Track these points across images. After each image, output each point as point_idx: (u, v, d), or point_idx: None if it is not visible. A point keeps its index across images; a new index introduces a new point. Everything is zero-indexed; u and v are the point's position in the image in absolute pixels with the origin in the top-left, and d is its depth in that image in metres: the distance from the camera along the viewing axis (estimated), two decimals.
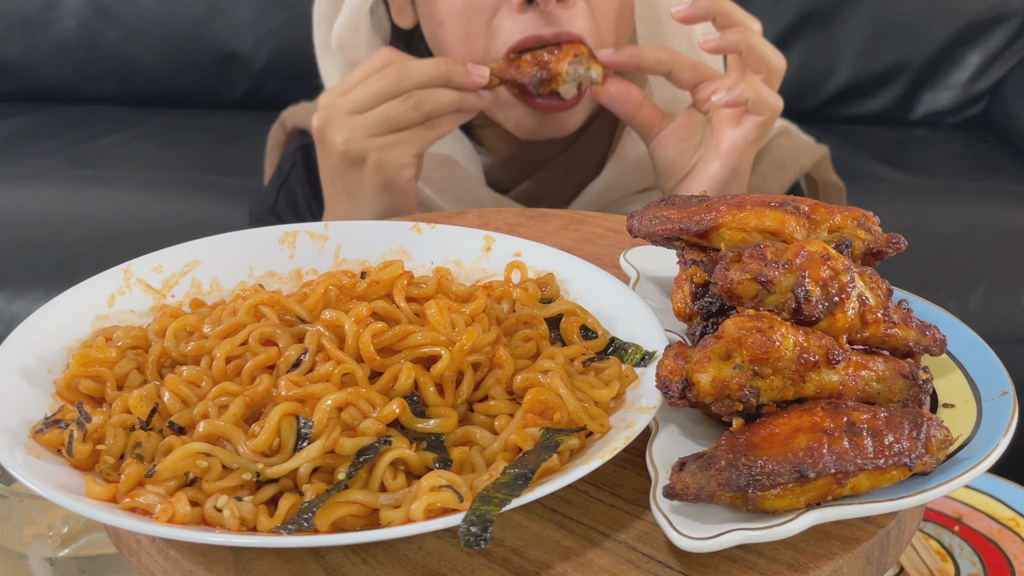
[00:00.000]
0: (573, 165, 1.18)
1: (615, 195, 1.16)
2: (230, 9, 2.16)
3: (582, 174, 1.17)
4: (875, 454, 0.51)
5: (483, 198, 1.15)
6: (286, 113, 1.33)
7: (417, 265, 0.72)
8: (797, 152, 1.20)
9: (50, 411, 0.58)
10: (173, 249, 0.71)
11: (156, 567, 0.54)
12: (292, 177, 1.26)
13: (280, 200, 1.25)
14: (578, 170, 1.18)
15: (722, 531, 0.50)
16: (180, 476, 0.53)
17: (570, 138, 1.17)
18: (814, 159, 1.21)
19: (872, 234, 0.62)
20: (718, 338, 0.54)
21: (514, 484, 0.51)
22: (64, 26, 2.18)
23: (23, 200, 1.86)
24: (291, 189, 1.25)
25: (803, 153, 1.21)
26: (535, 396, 0.56)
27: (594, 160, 1.18)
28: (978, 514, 1.04)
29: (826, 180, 1.22)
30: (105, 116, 2.20)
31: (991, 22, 2.10)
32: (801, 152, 1.21)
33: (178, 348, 0.61)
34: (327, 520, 0.51)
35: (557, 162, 1.17)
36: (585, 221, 0.87)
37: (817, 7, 2.10)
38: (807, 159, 1.20)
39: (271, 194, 1.26)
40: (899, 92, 2.15)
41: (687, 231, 0.63)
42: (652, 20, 1.08)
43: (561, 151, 1.17)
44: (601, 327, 0.65)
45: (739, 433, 0.53)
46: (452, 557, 0.52)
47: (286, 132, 1.32)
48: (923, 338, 0.58)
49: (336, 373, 0.57)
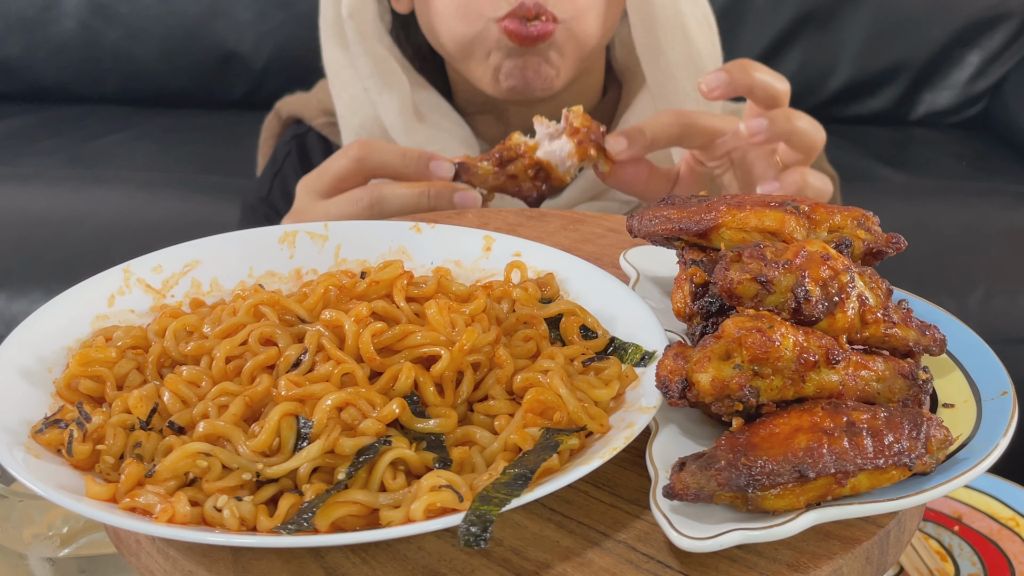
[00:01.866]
0: None
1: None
2: (230, 9, 2.16)
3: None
4: (875, 454, 0.51)
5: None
6: (281, 103, 1.33)
7: (417, 265, 0.72)
8: None
9: (50, 411, 0.58)
10: (173, 249, 0.70)
11: (156, 567, 0.54)
12: (286, 166, 1.26)
13: (274, 189, 1.25)
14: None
15: (722, 531, 0.50)
16: (180, 476, 0.53)
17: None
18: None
19: (872, 234, 0.62)
20: (718, 338, 0.54)
21: (514, 484, 0.51)
22: (64, 26, 2.19)
23: (23, 200, 1.86)
24: (285, 178, 1.26)
25: None
26: (535, 396, 0.56)
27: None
28: (978, 514, 1.04)
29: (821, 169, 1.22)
30: (105, 116, 2.20)
31: (991, 22, 2.10)
32: None
33: (178, 348, 0.61)
34: (327, 520, 0.51)
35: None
36: (585, 221, 0.87)
37: (817, 7, 2.10)
38: None
39: (265, 183, 1.27)
40: (899, 92, 2.15)
41: (687, 231, 0.63)
42: (644, 10, 1.09)
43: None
44: (601, 327, 0.65)
45: (739, 433, 0.53)
46: (452, 557, 0.52)
47: (281, 122, 1.33)
48: (923, 338, 0.58)
49: (336, 373, 0.57)
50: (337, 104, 1.19)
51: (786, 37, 2.10)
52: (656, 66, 1.11)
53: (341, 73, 1.18)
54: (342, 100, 1.18)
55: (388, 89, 1.14)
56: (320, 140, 1.28)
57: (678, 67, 1.11)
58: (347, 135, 1.19)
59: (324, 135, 1.27)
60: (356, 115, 1.17)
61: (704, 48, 1.12)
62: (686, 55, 1.11)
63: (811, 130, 0.90)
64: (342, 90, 1.18)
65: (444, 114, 1.18)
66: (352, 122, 1.17)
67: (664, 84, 1.11)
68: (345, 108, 1.18)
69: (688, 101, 1.12)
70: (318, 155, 1.27)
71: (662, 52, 1.10)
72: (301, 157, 1.27)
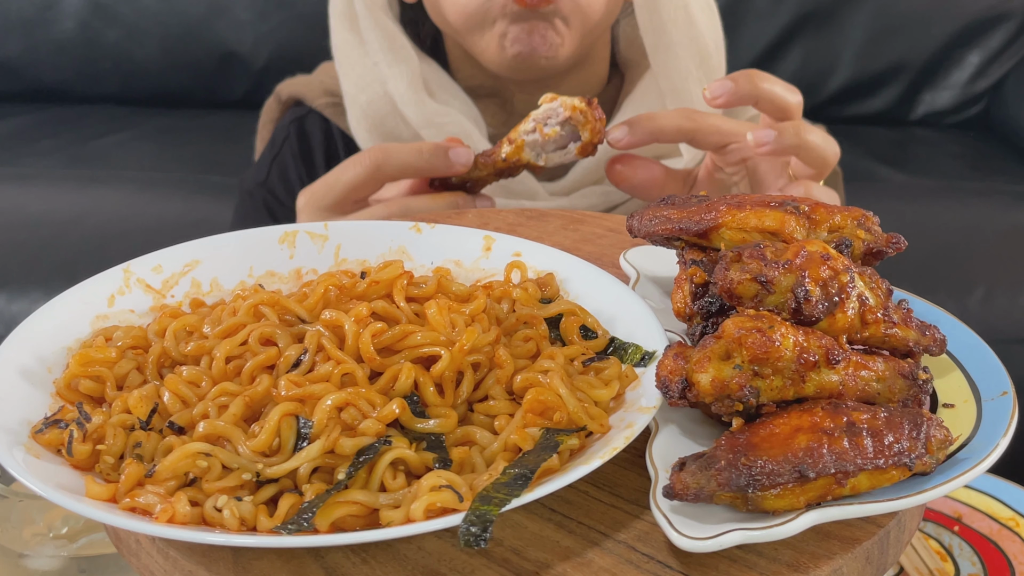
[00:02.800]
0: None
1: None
2: (230, 9, 2.16)
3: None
4: (875, 454, 0.51)
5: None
6: (281, 85, 1.32)
7: (417, 265, 0.72)
8: None
9: (50, 411, 0.58)
10: (173, 249, 0.70)
11: (156, 567, 0.54)
12: (284, 150, 1.25)
13: (272, 174, 1.24)
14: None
15: (722, 531, 0.50)
16: (180, 476, 0.53)
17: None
18: None
19: (872, 234, 0.62)
20: (718, 338, 0.54)
21: (514, 484, 0.51)
22: (64, 26, 2.19)
23: (23, 200, 1.86)
24: (283, 162, 1.25)
25: None
26: (535, 396, 0.56)
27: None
28: (978, 514, 1.04)
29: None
30: (105, 116, 2.20)
31: (991, 22, 2.10)
32: None
33: (178, 348, 0.61)
34: (327, 520, 0.51)
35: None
36: (585, 221, 0.87)
37: (817, 7, 2.10)
38: None
39: (263, 168, 1.26)
40: (899, 92, 2.15)
41: (687, 231, 0.63)
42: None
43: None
44: (601, 327, 0.65)
45: (739, 433, 0.53)
46: (452, 557, 0.52)
47: (281, 104, 1.32)
48: (923, 338, 0.58)
49: (336, 373, 0.57)
50: (344, 83, 1.18)
51: (786, 37, 2.10)
52: (659, 46, 1.11)
53: (350, 54, 1.17)
54: (350, 79, 1.17)
55: (398, 62, 1.14)
56: (321, 121, 1.27)
57: (681, 47, 1.11)
58: (353, 112, 1.18)
59: (326, 116, 1.26)
60: (364, 92, 1.16)
61: (707, 31, 1.13)
62: (689, 37, 1.11)
63: (823, 144, 0.88)
64: (350, 70, 1.17)
65: (453, 94, 1.17)
66: (359, 99, 1.16)
67: (667, 64, 1.11)
68: (352, 86, 1.17)
69: (691, 82, 1.12)
70: (317, 138, 1.26)
71: (665, 32, 1.10)
72: (300, 141, 1.26)
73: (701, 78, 1.12)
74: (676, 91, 1.12)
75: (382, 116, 1.15)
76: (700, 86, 1.12)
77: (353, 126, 1.18)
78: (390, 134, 1.16)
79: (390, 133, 1.16)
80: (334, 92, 1.25)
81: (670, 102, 1.13)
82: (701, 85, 1.12)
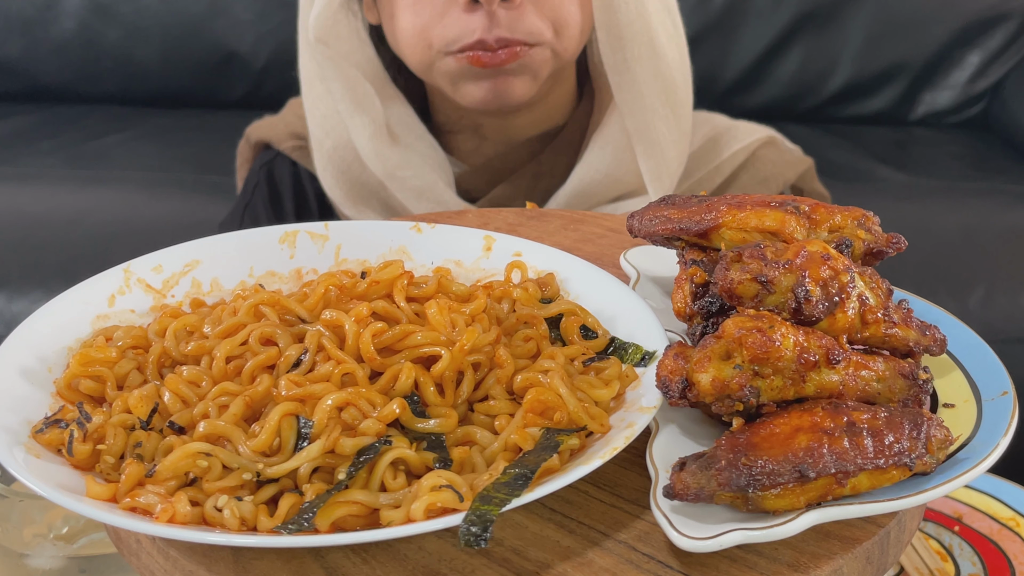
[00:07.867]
0: (540, 173, 1.17)
1: (584, 204, 1.14)
2: (230, 9, 2.16)
3: (549, 182, 1.17)
4: (875, 454, 0.51)
5: (452, 207, 1.14)
6: (251, 128, 1.31)
7: (417, 265, 0.72)
8: (782, 165, 1.19)
9: (50, 411, 0.58)
10: (173, 249, 0.71)
11: (156, 567, 0.54)
12: (255, 198, 1.25)
13: (245, 222, 1.23)
14: (545, 178, 1.17)
15: (722, 531, 0.50)
16: (180, 476, 0.53)
17: (537, 147, 1.16)
18: (798, 172, 1.20)
19: (872, 234, 0.62)
20: (718, 338, 0.54)
21: (514, 484, 0.51)
22: (64, 26, 2.18)
23: (23, 200, 1.86)
24: (255, 210, 1.24)
25: (787, 166, 1.19)
26: (535, 396, 0.56)
27: (561, 168, 1.17)
28: (978, 514, 1.04)
29: (812, 191, 1.21)
30: (105, 116, 2.19)
31: (991, 22, 2.10)
32: (785, 165, 1.19)
33: (178, 348, 0.61)
34: (327, 520, 0.51)
35: (525, 171, 1.17)
36: (585, 221, 0.87)
37: (817, 7, 2.10)
38: (791, 172, 1.19)
39: (236, 217, 1.25)
40: (899, 92, 2.15)
41: (687, 231, 0.63)
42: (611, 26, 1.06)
43: (529, 160, 1.17)
44: (601, 327, 0.65)
45: (739, 433, 0.53)
46: (452, 557, 0.52)
47: (251, 147, 1.31)
48: (923, 338, 0.58)
49: (336, 373, 0.57)
50: (310, 121, 1.17)
51: (786, 37, 2.10)
52: (623, 85, 1.09)
53: (315, 86, 1.15)
54: (315, 118, 1.16)
55: (360, 112, 1.12)
56: (290, 165, 1.26)
57: (646, 85, 1.08)
58: (319, 157, 1.17)
59: (293, 159, 1.25)
60: (329, 136, 1.15)
61: (674, 63, 1.10)
62: (654, 71, 1.08)
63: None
64: (316, 104, 1.16)
65: (419, 136, 1.15)
66: (325, 143, 1.15)
67: (633, 104, 1.09)
68: (318, 128, 1.16)
69: (657, 119, 1.10)
70: (286, 183, 1.25)
71: (629, 69, 1.08)
72: (270, 186, 1.25)
73: (667, 115, 1.10)
74: (641, 131, 1.10)
75: (348, 162, 1.14)
76: (666, 123, 1.10)
77: (320, 170, 1.17)
78: (356, 180, 1.15)
79: (356, 179, 1.15)
80: (300, 135, 1.24)
81: (636, 141, 1.11)
82: (667, 122, 1.10)
